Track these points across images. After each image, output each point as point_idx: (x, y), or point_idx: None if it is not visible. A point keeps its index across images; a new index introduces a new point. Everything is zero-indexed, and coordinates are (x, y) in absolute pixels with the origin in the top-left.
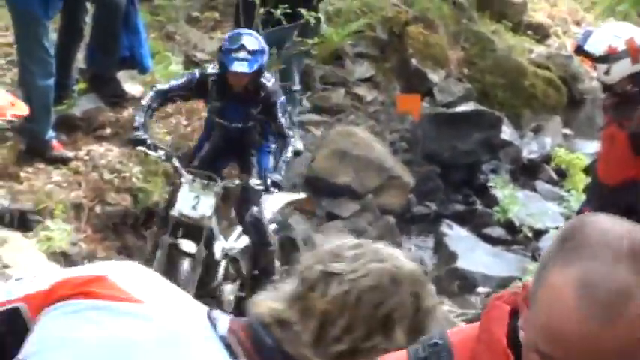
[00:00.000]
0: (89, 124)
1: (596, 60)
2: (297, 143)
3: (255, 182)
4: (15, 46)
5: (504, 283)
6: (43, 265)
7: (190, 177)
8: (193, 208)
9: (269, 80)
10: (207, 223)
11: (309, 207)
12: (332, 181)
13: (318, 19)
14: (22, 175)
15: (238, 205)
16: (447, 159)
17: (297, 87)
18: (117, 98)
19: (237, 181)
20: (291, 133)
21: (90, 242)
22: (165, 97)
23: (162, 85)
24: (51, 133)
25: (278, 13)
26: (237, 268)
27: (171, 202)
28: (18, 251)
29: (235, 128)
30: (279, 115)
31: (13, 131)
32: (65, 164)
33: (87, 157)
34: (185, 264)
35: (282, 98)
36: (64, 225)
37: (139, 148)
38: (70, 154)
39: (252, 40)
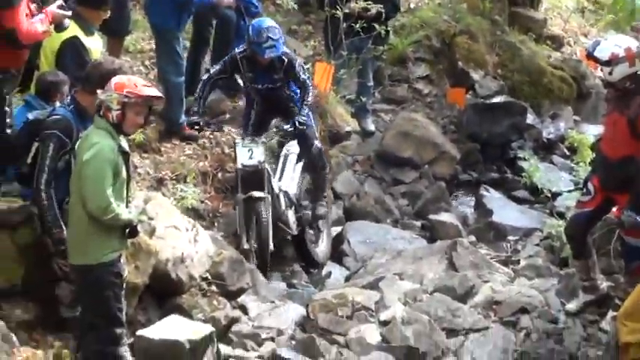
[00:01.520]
0: (213, 111)
1: (602, 63)
2: (370, 126)
3: (286, 126)
4: (155, 51)
5: (528, 232)
6: (178, 217)
7: (241, 137)
8: (250, 158)
9: (286, 55)
10: (262, 166)
11: None
12: (397, 155)
13: (387, 32)
14: (162, 149)
15: (300, 143)
16: (485, 138)
17: (371, 83)
18: (233, 91)
19: (274, 129)
20: (309, 82)
21: (213, 200)
22: (211, 84)
23: (205, 76)
24: (183, 118)
25: (357, 26)
26: (289, 197)
27: None
28: (159, 207)
29: (267, 88)
30: (299, 72)
31: (155, 116)
32: (195, 141)
33: (211, 136)
34: (260, 207)
35: (298, 60)
36: (193, 187)
37: (196, 127)
38: (198, 133)
39: (272, 28)
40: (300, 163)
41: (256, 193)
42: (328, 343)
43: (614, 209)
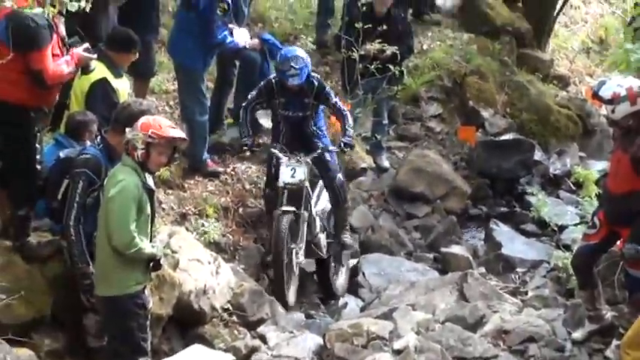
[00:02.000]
0: (234, 148)
1: (605, 102)
2: (384, 162)
3: (331, 147)
4: (178, 91)
5: (536, 264)
6: (201, 251)
7: (286, 157)
8: (292, 176)
9: (315, 79)
10: (303, 184)
11: None
12: (410, 190)
13: (402, 72)
14: (186, 185)
15: (324, 175)
16: (495, 174)
17: (385, 121)
18: (255, 130)
19: (319, 150)
20: (341, 105)
21: (234, 234)
22: (251, 109)
23: (245, 102)
24: (206, 155)
25: (372, 67)
26: (322, 223)
27: (268, 182)
28: (182, 241)
29: (296, 116)
30: (332, 97)
31: (179, 153)
32: (217, 177)
33: (233, 172)
34: (285, 220)
35: (328, 87)
36: (215, 222)
37: (244, 148)
38: (221, 170)
39: (296, 57)
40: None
41: (286, 207)
42: None
43: (618, 242)
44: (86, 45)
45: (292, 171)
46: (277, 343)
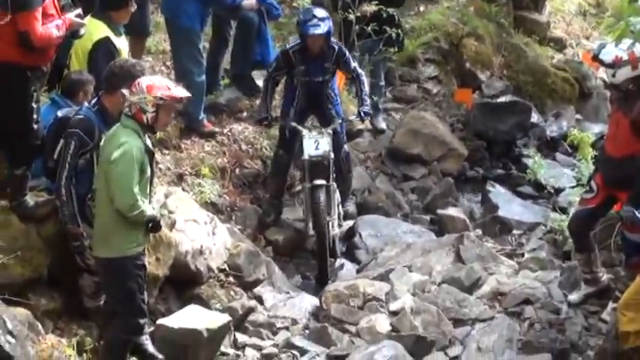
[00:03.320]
0: (231, 109)
1: (606, 66)
2: (381, 124)
3: (352, 116)
4: (172, 52)
5: (532, 226)
6: (197, 211)
7: (307, 130)
8: (316, 148)
9: (335, 43)
10: (328, 155)
11: None
12: (407, 152)
13: (398, 34)
14: (183, 145)
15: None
16: (491, 136)
17: (382, 83)
18: (251, 91)
19: (339, 121)
20: (362, 71)
21: (231, 195)
22: (272, 81)
23: (266, 76)
24: (203, 115)
25: (369, 29)
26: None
27: (282, 144)
28: (179, 201)
29: (317, 82)
30: (351, 62)
31: (176, 113)
32: (213, 138)
33: (229, 133)
34: (322, 194)
35: (347, 52)
36: (212, 182)
37: (264, 122)
38: (217, 130)
39: (320, 10)
40: None
41: (319, 181)
42: (340, 332)
43: (615, 206)
44: (78, 10)
45: (316, 143)
46: (274, 304)
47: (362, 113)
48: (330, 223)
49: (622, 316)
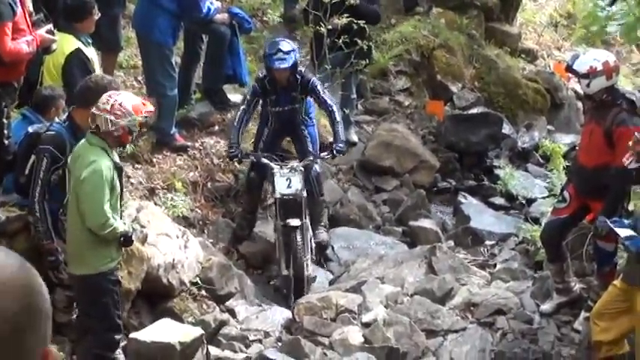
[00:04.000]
0: (203, 123)
1: (580, 76)
2: (353, 136)
3: (323, 153)
4: (144, 66)
5: (504, 237)
6: (169, 225)
7: (278, 166)
8: (288, 187)
9: (303, 71)
10: (300, 194)
11: None
12: (379, 164)
13: (369, 47)
14: (154, 160)
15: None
16: (463, 148)
17: (354, 96)
18: (223, 104)
19: (311, 158)
20: (333, 102)
21: (203, 209)
22: (249, 112)
23: (243, 105)
24: (175, 130)
25: (340, 41)
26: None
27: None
28: (151, 215)
29: (287, 111)
30: (320, 91)
31: (148, 128)
32: (185, 152)
33: (201, 147)
34: (298, 236)
35: (315, 79)
36: (184, 196)
37: (235, 159)
38: (189, 144)
39: (285, 44)
40: None
41: (293, 222)
42: (313, 344)
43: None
44: (49, 26)
45: (287, 181)
46: (246, 317)
47: (334, 150)
48: (306, 264)
49: (595, 326)
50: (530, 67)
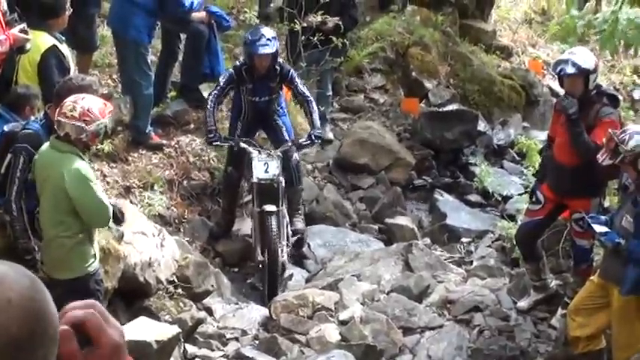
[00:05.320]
0: (178, 121)
1: (591, 72)
2: (329, 134)
3: (302, 140)
4: (119, 65)
5: (481, 234)
6: (145, 224)
7: (257, 151)
8: (265, 171)
9: (279, 63)
10: (278, 179)
11: None
12: (355, 161)
13: (344, 44)
14: (130, 158)
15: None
16: (438, 145)
17: (329, 93)
18: (198, 103)
19: (289, 144)
20: (309, 93)
21: (179, 207)
22: (222, 96)
23: (216, 90)
24: (150, 128)
25: (315, 39)
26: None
27: (231, 161)
28: (127, 214)
29: (263, 101)
30: (297, 82)
31: (123, 126)
32: (161, 150)
33: (177, 145)
34: (273, 221)
35: (293, 70)
36: (160, 195)
37: (215, 143)
38: (165, 142)
39: (267, 30)
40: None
41: (269, 207)
42: (290, 342)
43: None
44: (23, 25)
45: (265, 166)
46: (223, 315)
47: (313, 136)
48: (280, 250)
49: (572, 322)
50: (505, 64)
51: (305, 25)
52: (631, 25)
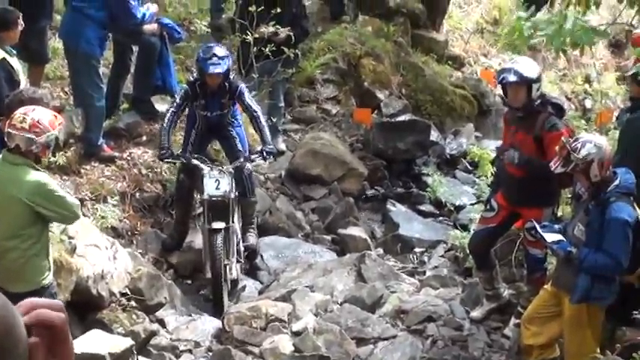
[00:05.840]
0: (130, 133)
1: (534, 82)
2: (281, 145)
3: (254, 155)
4: (71, 77)
5: (433, 244)
6: (98, 236)
7: (208, 167)
8: (217, 188)
9: (231, 81)
10: (229, 195)
11: None
12: (307, 172)
13: (296, 55)
14: (82, 171)
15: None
16: (391, 155)
17: (281, 104)
18: (151, 115)
19: (242, 160)
20: (257, 107)
21: (132, 219)
22: (178, 112)
23: (172, 107)
24: (102, 140)
25: (267, 50)
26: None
27: (183, 169)
28: (79, 226)
29: (216, 116)
30: (246, 97)
31: (75, 138)
32: (113, 162)
33: (129, 158)
34: (219, 238)
35: (243, 85)
36: (112, 207)
37: (167, 160)
38: (117, 155)
39: (220, 49)
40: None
41: (216, 224)
42: (243, 354)
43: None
44: None
45: (216, 182)
46: (176, 327)
47: (265, 152)
48: (228, 267)
49: (526, 330)
50: (457, 73)
51: (257, 36)
52: (577, 27)
